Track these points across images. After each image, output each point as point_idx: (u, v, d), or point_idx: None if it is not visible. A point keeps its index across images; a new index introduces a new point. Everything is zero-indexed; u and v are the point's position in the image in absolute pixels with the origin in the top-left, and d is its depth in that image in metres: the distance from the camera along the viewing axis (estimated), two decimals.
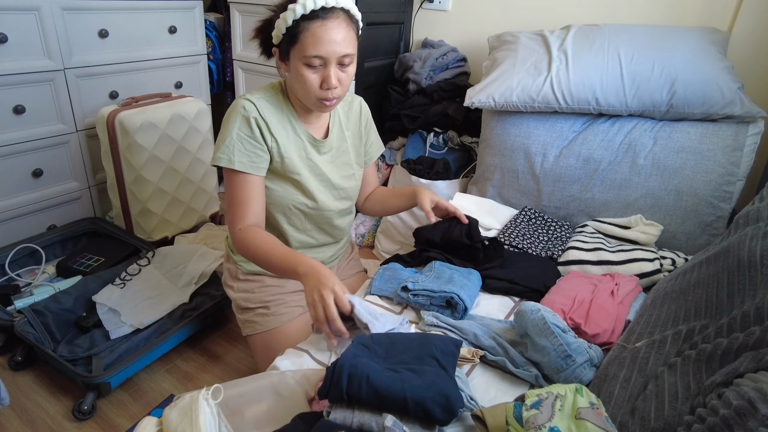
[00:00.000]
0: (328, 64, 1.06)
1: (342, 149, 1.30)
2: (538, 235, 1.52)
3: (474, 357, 0.98)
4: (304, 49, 1.04)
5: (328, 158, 1.27)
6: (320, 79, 1.07)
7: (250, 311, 1.33)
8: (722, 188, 1.45)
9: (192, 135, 2.06)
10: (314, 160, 1.23)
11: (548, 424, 0.67)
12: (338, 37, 1.04)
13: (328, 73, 1.06)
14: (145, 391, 1.51)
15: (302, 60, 1.05)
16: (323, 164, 1.25)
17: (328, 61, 1.05)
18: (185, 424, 0.71)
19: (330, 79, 1.06)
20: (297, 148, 1.20)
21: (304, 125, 1.22)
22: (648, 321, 0.96)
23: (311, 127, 1.24)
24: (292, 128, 1.20)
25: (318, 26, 1.02)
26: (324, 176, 1.25)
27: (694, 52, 1.52)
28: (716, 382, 0.65)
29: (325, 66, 1.06)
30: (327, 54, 1.04)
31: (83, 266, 1.79)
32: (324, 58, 1.05)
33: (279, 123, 1.17)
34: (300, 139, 1.21)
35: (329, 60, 1.05)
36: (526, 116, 1.69)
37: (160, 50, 2.16)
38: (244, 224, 1.14)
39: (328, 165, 1.27)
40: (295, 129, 1.20)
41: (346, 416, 0.75)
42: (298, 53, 1.05)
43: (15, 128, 1.77)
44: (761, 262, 0.80)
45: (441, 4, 2.26)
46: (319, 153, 1.25)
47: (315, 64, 1.05)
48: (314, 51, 1.03)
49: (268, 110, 1.15)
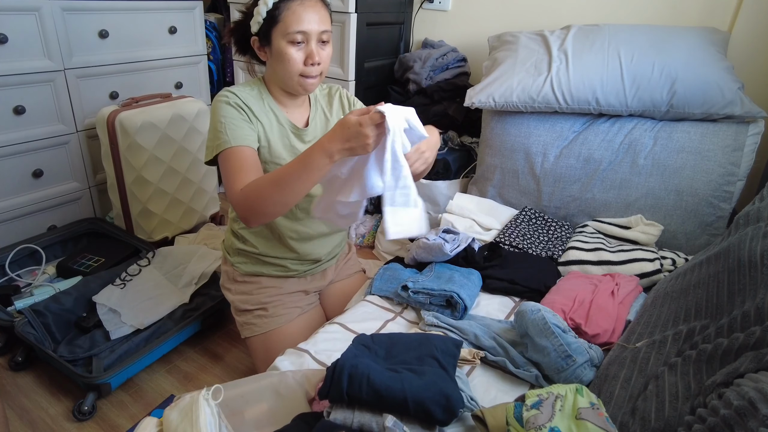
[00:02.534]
0: (310, 40, 1.12)
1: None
2: (538, 235, 1.52)
3: (474, 358, 0.98)
4: (287, 27, 1.09)
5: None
6: (304, 55, 1.13)
7: (249, 313, 1.33)
8: (722, 188, 1.45)
9: (192, 135, 2.06)
10: (298, 148, 1.24)
11: (548, 425, 0.67)
12: (317, 15, 1.11)
13: (311, 49, 1.12)
14: (146, 391, 1.51)
15: (285, 37, 1.10)
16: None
17: (309, 37, 1.11)
18: (185, 424, 0.71)
19: (314, 54, 1.12)
20: (281, 135, 1.22)
21: (287, 115, 1.24)
22: (648, 321, 0.96)
23: (292, 116, 1.25)
24: (275, 116, 1.22)
25: (297, 5, 1.10)
26: None
27: (695, 53, 1.52)
28: (717, 382, 0.65)
29: (307, 43, 1.12)
30: (309, 29, 1.10)
31: (83, 267, 1.79)
32: (306, 34, 1.11)
33: (261, 110, 1.19)
34: (282, 127, 1.22)
35: (311, 36, 1.11)
36: (527, 116, 1.69)
37: (160, 50, 2.16)
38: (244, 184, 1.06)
39: None
40: (277, 117, 1.22)
41: (346, 416, 0.75)
42: (281, 32, 1.10)
43: (15, 129, 1.77)
44: (761, 262, 0.80)
45: (441, 4, 2.26)
46: (302, 141, 1.25)
47: (298, 39, 1.10)
48: (297, 26, 1.09)
49: (250, 99, 1.18)
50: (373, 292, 1.24)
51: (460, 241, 1.31)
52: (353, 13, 1.92)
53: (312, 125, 1.27)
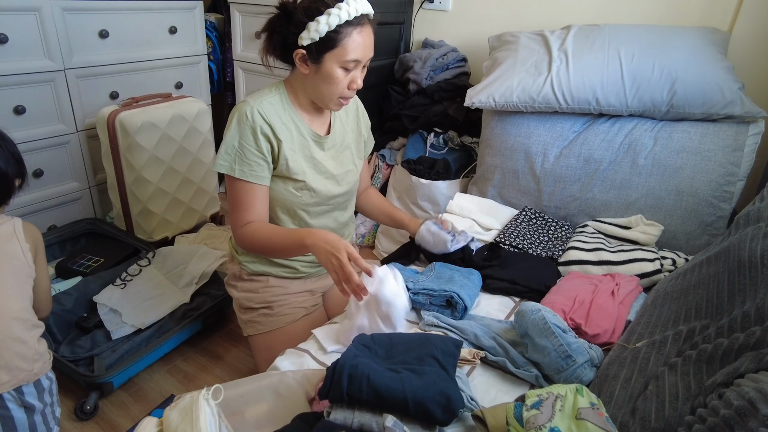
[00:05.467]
0: (359, 66, 1.14)
1: (344, 144, 1.32)
2: (538, 235, 1.52)
3: (475, 359, 0.98)
4: (346, 54, 1.09)
5: (332, 153, 1.28)
6: (349, 80, 1.14)
7: (253, 311, 1.33)
8: (723, 188, 1.45)
9: (192, 135, 2.06)
10: (317, 157, 1.24)
11: (549, 425, 0.67)
12: (369, 43, 1.13)
13: (357, 75, 1.14)
14: (146, 391, 1.51)
15: (340, 63, 1.10)
16: (326, 160, 1.26)
17: (359, 64, 1.13)
18: (186, 424, 0.71)
19: (358, 79, 1.15)
20: (301, 147, 1.21)
21: (308, 124, 1.23)
22: (648, 321, 0.96)
23: (314, 125, 1.25)
24: (296, 128, 1.21)
25: (358, 32, 1.09)
26: (329, 173, 1.27)
27: (695, 53, 1.52)
28: (717, 382, 0.65)
29: (356, 68, 1.13)
30: (364, 58, 1.12)
31: (83, 267, 1.79)
32: (359, 62, 1.12)
33: (283, 125, 1.18)
34: (304, 138, 1.22)
35: (362, 63, 1.13)
36: (527, 116, 1.69)
37: (160, 50, 2.16)
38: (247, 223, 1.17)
39: (331, 161, 1.27)
40: (299, 129, 1.21)
41: (346, 416, 0.75)
42: (337, 57, 1.09)
43: (15, 128, 1.77)
44: (762, 262, 0.80)
45: (441, 4, 2.26)
46: (322, 149, 1.26)
47: (351, 67, 1.11)
48: (355, 55, 1.10)
49: (272, 113, 1.16)
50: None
51: (459, 240, 1.31)
52: None
53: (332, 132, 1.28)
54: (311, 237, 1.06)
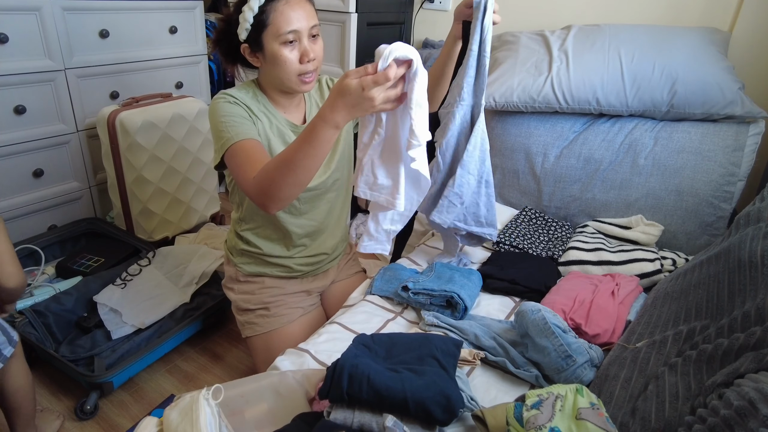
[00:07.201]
0: (302, 38, 1.12)
1: None
2: (538, 235, 1.52)
3: (475, 359, 0.98)
4: (278, 29, 1.09)
5: None
6: (299, 54, 1.12)
7: (250, 312, 1.33)
8: (723, 188, 1.45)
9: (192, 135, 2.06)
10: None
11: (549, 425, 0.67)
12: (304, 12, 1.11)
13: (305, 47, 1.12)
14: (146, 391, 1.51)
15: (278, 40, 1.10)
16: None
17: (301, 35, 1.11)
18: (185, 424, 0.71)
19: (311, 52, 1.12)
20: (279, 133, 1.22)
21: (283, 115, 1.24)
22: (648, 321, 0.96)
23: (289, 115, 1.25)
24: (273, 117, 1.22)
25: (283, 5, 1.09)
26: None
27: (695, 53, 1.52)
28: (717, 382, 0.65)
29: (299, 41, 1.12)
30: (299, 27, 1.10)
31: (83, 267, 1.79)
32: (297, 32, 1.10)
33: (260, 112, 1.19)
34: (281, 126, 1.23)
35: (302, 33, 1.11)
36: (527, 116, 1.69)
37: (160, 50, 2.16)
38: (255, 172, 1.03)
39: None
40: (275, 116, 1.22)
41: (346, 416, 0.75)
42: (272, 35, 1.10)
43: (16, 128, 1.77)
44: (762, 262, 0.80)
45: (441, 4, 2.26)
46: None
47: (290, 39, 1.10)
48: (287, 27, 1.09)
49: (246, 100, 1.18)
50: (373, 292, 1.24)
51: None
52: (354, 13, 1.92)
53: (307, 121, 1.27)
54: (316, 117, 0.90)
